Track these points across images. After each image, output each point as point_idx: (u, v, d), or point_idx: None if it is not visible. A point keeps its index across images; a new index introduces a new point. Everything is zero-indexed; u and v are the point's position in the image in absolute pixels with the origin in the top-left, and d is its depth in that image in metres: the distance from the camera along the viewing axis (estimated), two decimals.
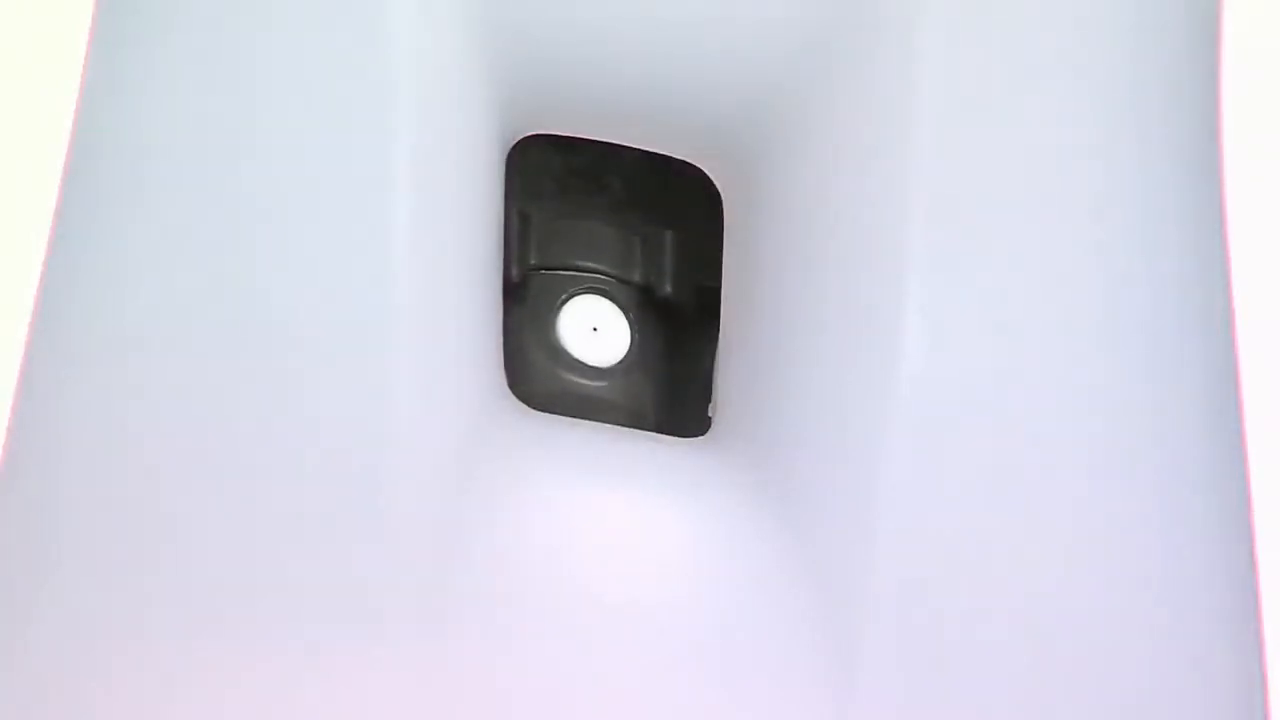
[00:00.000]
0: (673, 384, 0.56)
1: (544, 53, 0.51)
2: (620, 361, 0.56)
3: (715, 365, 0.54)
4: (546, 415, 0.52)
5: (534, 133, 0.53)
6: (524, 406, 0.52)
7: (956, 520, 0.48)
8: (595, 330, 0.56)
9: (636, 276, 0.55)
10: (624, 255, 0.55)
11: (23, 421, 0.49)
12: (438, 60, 0.49)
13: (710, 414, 0.54)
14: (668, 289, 0.55)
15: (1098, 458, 0.49)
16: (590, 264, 0.55)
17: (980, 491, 0.48)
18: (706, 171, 0.54)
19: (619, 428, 0.53)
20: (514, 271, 0.53)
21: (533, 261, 0.55)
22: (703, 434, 0.53)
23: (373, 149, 0.48)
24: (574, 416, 0.54)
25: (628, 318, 0.56)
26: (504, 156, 0.53)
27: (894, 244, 0.49)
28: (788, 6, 0.52)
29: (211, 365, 0.48)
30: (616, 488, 0.50)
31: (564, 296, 0.55)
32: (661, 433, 0.54)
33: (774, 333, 0.51)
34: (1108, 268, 0.51)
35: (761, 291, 0.52)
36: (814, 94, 0.52)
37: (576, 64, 0.52)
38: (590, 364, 0.55)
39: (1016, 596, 0.48)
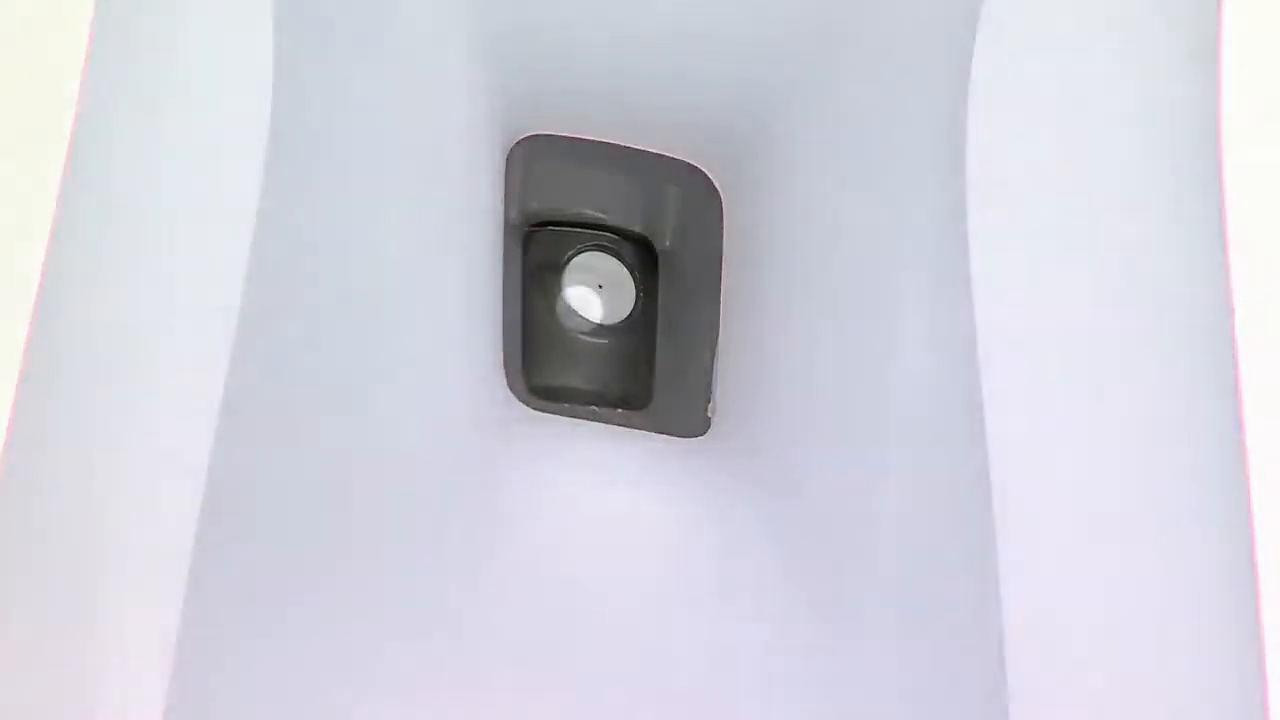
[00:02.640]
0: (675, 347, 0.57)
1: (544, 64, 0.54)
2: (625, 319, 0.58)
3: (714, 364, 0.56)
4: (547, 415, 0.57)
5: (534, 133, 0.56)
6: (527, 407, 0.56)
7: (950, 515, 0.49)
8: (601, 288, 0.57)
9: (638, 228, 0.57)
10: (626, 207, 0.56)
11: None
12: (439, 63, 0.53)
13: (710, 414, 0.56)
14: (667, 242, 0.56)
15: (1084, 460, 0.51)
16: (593, 212, 0.57)
17: (969, 487, 0.49)
18: (707, 172, 0.55)
19: (621, 428, 0.55)
20: (513, 214, 0.55)
21: (534, 206, 0.56)
22: (703, 432, 0.56)
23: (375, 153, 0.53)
24: (578, 376, 0.59)
25: (633, 276, 0.57)
26: (504, 156, 0.56)
27: (892, 248, 0.51)
28: (786, 17, 0.54)
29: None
30: (620, 485, 0.54)
31: (570, 253, 0.57)
32: (663, 417, 0.58)
33: (772, 334, 0.53)
34: (1102, 276, 0.53)
35: (762, 292, 0.54)
36: (814, 97, 0.53)
37: (577, 73, 0.55)
38: (596, 321, 0.58)
39: (1001, 584, 0.50)
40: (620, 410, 0.62)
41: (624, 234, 0.61)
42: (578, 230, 0.61)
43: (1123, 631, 0.60)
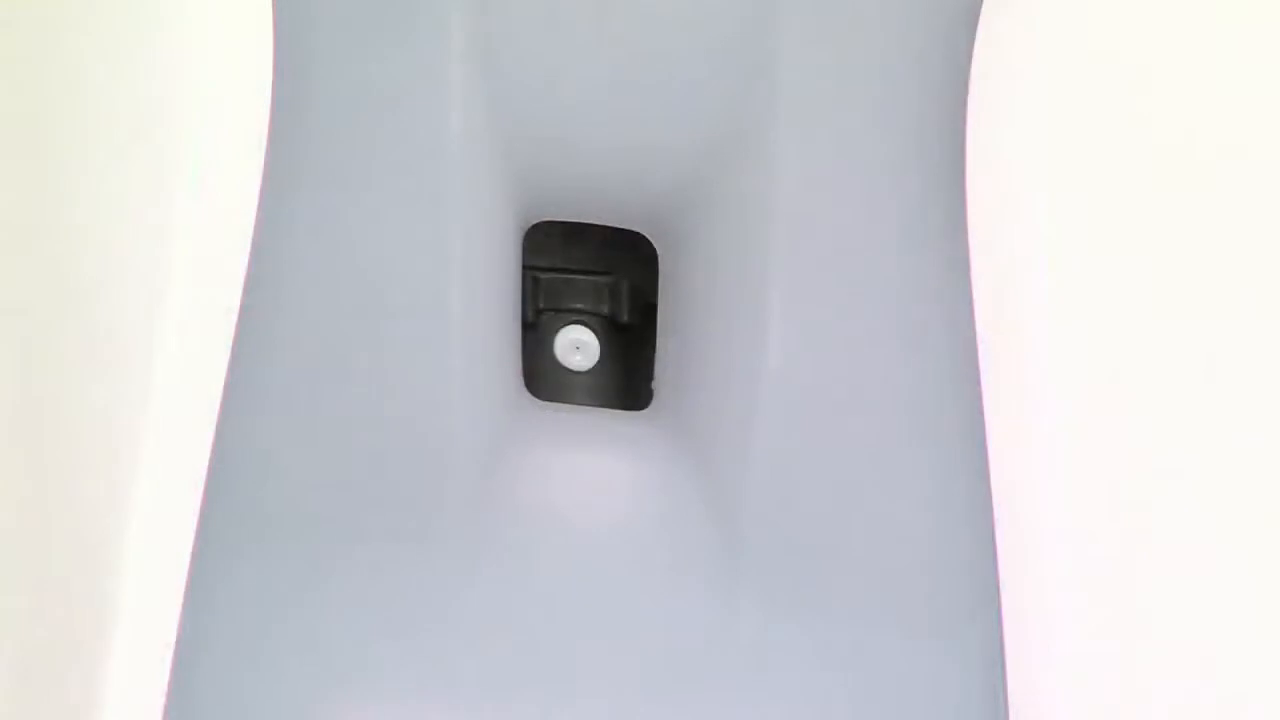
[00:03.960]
0: (625, 377, 0.75)
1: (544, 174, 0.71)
2: (593, 367, 0.75)
3: (655, 355, 0.73)
4: (550, 404, 0.72)
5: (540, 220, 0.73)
6: (537, 400, 0.72)
7: (800, 454, 0.67)
8: (578, 349, 0.75)
9: (605, 310, 0.75)
10: (596, 296, 0.75)
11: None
12: (480, 183, 0.68)
13: (653, 387, 0.73)
14: (625, 317, 0.75)
15: (875, 425, 0.68)
16: (576, 304, 0.75)
17: (816, 439, 0.68)
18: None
19: (594, 408, 0.74)
20: (528, 312, 0.74)
21: (541, 305, 0.75)
22: (646, 407, 0.72)
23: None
24: (577, 376, 0.74)
25: (599, 339, 0.75)
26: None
27: (762, 290, 0.68)
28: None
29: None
30: (593, 446, 0.70)
31: (559, 326, 0.75)
32: (620, 406, 0.74)
33: (690, 342, 0.70)
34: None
35: (683, 317, 0.71)
36: (715, 186, 0.69)
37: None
38: (574, 370, 0.75)
39: (835, 507, 0.67)
40: (620, 410, 0.72)
41: (624, 233, 0.73)
42: (577, 228, 0.73)
43: (1125, 629, 0.65)
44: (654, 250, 0.72)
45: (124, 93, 0.66)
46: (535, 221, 0.70)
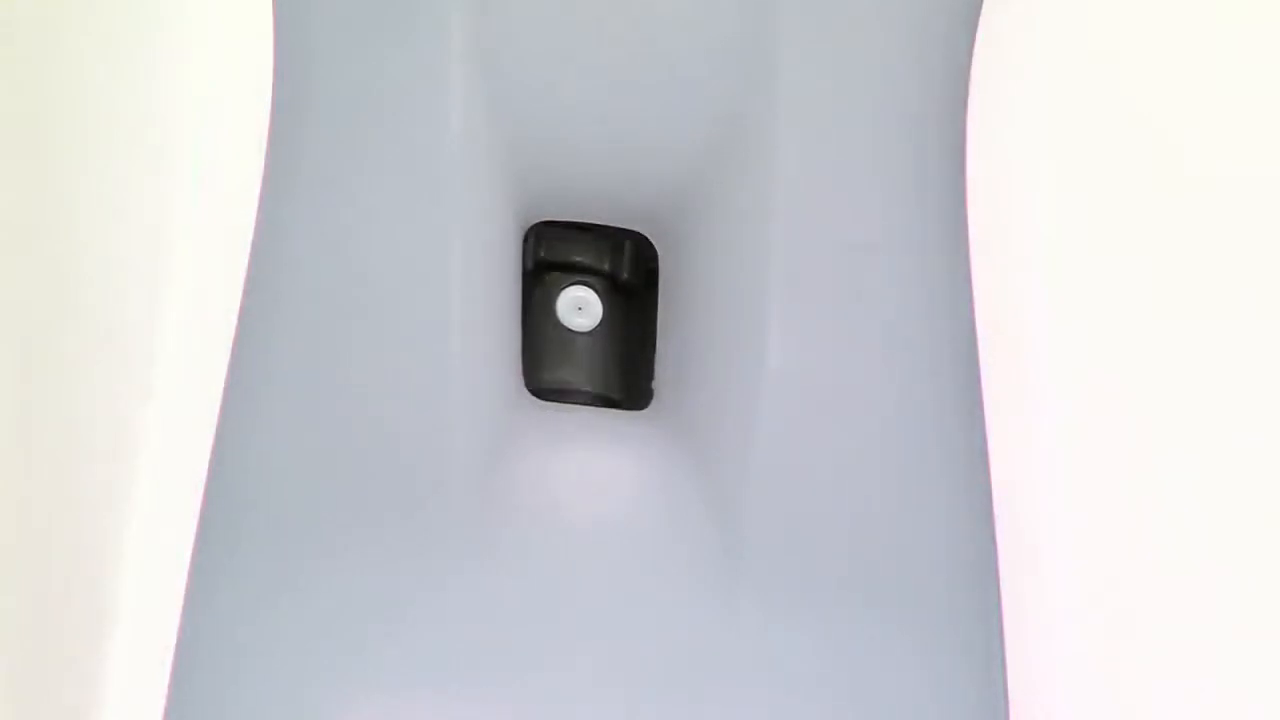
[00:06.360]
0: (626, 344, 0.75)
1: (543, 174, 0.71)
2: (595, 329, 0.75)
3: (655, 355, 0.74)
4: (550, 404, 0.72)
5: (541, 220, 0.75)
6: (535, 400, 0.72)
7: (801, 455, 0.68)
8: (580, 309, 0.75)
9: (607, 267, 0.74)
10: (597, 252, 0.74)
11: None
12: (480, 183, 0.68)
13: (654, 388, 0.73)
14: (626, 275, 0.74)
15: (875, 425, 0.69)
16: (576, 257, 0.75)
17: (816, 439, 0.68)
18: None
19: (594, 408, 0.73)
20: (528, 261, 0.73)
21: (542, 255, 0.74)
22: (647, 405, 0.73)
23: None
24: (567, 366, 0.75)
25: (601, 300, 0.75)
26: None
27: (762, 291, 0.68)
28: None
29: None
30: (593, 445, 0.70)
31: (562, 286, 0.75)
32: (622, 390, 0.75)
33: (690, 342, 0.71)
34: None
35: (683, 317, 0.72)
36: (715, 186, 0.70)
37: (568, 181, 0.71)
38: (576, 331, 0.75)
39: (836, 507, 0.68)
40: (620, 410, 0.72)
41: (624, 232, 0.73)
42: (577, 228, 0.73)
43: (1125, 629, 0.65)
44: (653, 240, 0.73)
45: (124, 93, 0.67)
46: (535, 221, 0.70)
